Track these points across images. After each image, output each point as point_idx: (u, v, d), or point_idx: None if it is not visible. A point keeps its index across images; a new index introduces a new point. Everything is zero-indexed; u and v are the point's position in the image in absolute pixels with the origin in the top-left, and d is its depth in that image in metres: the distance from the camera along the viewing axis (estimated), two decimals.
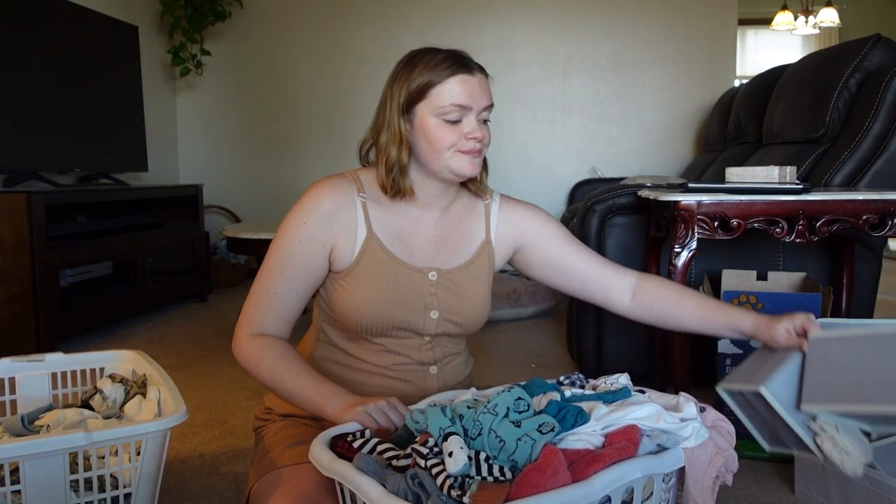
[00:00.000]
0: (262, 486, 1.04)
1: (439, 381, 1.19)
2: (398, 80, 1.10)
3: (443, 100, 1.06)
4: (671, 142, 4.28)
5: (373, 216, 1.14)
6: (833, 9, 5.97)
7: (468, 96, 1.07)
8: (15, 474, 1.07)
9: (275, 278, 1.11)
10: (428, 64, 1.07)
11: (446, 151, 1.08)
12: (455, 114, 1.07)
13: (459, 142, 1.08)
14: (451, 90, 1.06)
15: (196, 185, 3.79)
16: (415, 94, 1.08)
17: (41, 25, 3.01)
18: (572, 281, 1.25)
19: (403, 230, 1.16)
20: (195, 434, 1.86)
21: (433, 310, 1.15)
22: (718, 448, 0.93)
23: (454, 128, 1.08)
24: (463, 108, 1.07)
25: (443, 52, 1.10)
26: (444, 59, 1.08)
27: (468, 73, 1.07)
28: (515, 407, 0.85)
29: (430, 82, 1.07)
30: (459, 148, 1.08)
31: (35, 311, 2.55)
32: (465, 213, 1.22)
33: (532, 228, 1.24)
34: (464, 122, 1.08)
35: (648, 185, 2.27)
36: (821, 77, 2.29)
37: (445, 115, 1.07)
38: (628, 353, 2.09)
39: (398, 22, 4.31)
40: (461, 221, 1.21)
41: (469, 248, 1.20)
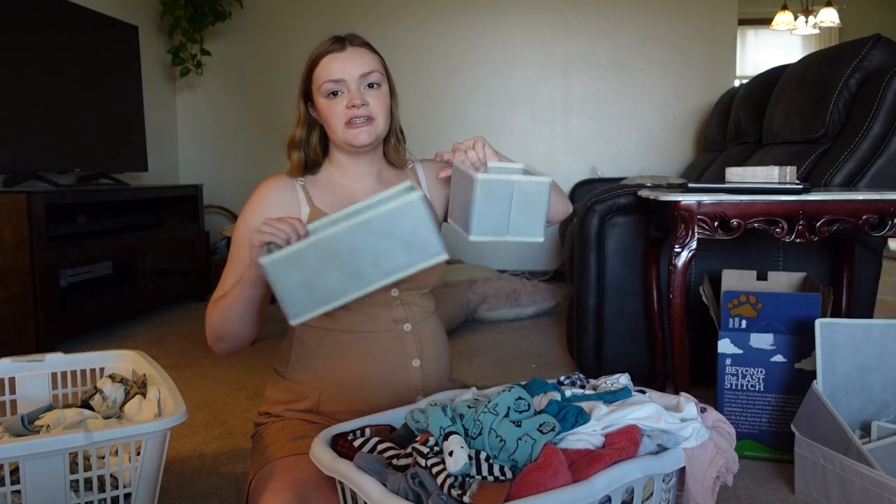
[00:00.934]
0: (260, 477, 1.07)
1: (415, 338, 1.23)
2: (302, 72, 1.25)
3: (320, 79, 1.20)
4: (671, 142, 4.28)
5: (313, 194, 1.27)
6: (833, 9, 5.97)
7: (339, 70, 1.19)
8: (15, 474, 1.07)
9: (233, 265, 1.23)
10: (312, 52, 1.23)
11: (338, 125, 1.20)
12: (333, 88, 1.19)
13: (345, 112, 1.19)
14: (325, 68, 1.20)
15: (196, 185, 3.79)
16: (306, 81, 1.24)
17: (41, 25, 3.01)
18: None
19: (342, 201, 1.26)
20: (195, 434, 1.86)
21: None
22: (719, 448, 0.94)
23: (338, 101, 1.20)
24: (337, 82, 1.19)
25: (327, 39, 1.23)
26: (323, 43, 1.22)
27: (339, 51, 1.20)
28: (516, 406, 0.85)
29: (311, 65, 1.22)
30: (346, 119, 1.20)
31: (35, 311, 2.55)
32: (396, 179, 1.32)
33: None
34: (346, 93, 1.20)
35: (648, 185, 2.27)
36: (821, 77, 2.29)
37: (326, 92, 1.20)
38: (628, 353, 2.09)
39: (398, 22, 4.31)
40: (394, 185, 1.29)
41: None
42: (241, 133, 4.50)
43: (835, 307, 1.92)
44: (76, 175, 3.41)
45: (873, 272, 2.03)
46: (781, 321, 1.63)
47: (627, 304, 2.06)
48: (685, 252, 1.63)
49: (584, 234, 2.07)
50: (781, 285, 1.85)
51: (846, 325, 1.49)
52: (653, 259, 1.99)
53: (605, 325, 2.08)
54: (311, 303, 1.00)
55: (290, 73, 4.37)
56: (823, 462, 1.38)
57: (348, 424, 0.99)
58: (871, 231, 1.61)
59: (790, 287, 1.85)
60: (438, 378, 1.26)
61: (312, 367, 1.23)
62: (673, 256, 1.64)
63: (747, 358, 1.65)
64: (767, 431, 1.65)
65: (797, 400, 1.59)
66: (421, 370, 1.22)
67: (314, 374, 1.23)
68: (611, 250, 2.06)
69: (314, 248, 0.98)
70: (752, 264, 1.99)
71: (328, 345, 1.22)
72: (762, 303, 1.63)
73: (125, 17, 3.78)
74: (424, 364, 1.23)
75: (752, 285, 1.86)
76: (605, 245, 2.06)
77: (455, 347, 2.27)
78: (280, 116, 4.42)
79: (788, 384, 1.63)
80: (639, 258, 2.04)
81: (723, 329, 1.67)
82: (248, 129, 4.49)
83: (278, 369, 1.30)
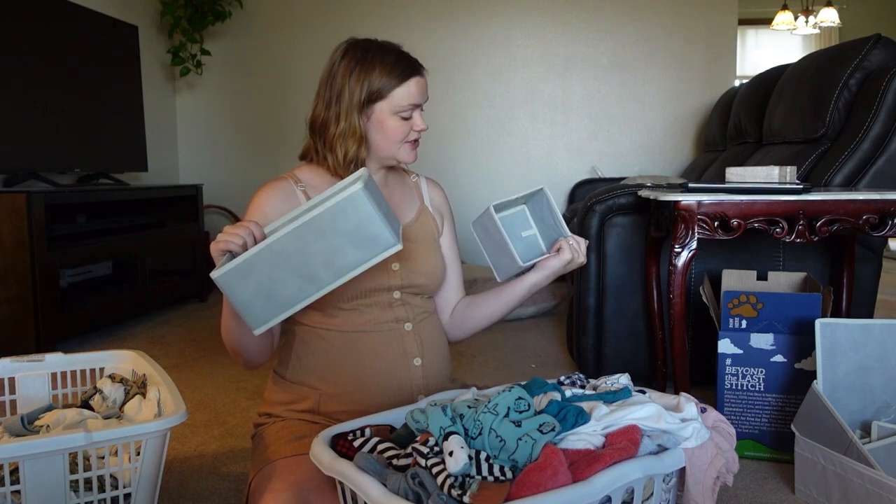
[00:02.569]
0: (261, 478, 1.06)
1: (416, 337, 1.24)
2: (354, 77, 1.20)
3: (402, 100, 1.20)
4: (671, 142, 4.28)
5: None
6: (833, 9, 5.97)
7: (420, 94, 1.23)
8: (15, 474, 1.07)
9: None
10: (385, 66, 1.20)
11: (397, 143, 1.23)
12: (410, 111, 1.22)
13: (410, 133, 1.23)
14: (410, 91, 1.21)
15: (196, 185, 3.79)
16: (376, 94, 1.20)
17: (41, 25, 3.01)
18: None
19: None
20: (195, 434, 1.86)
21: (393, 262, 1.24)
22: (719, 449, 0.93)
23: (406, 122, 1.22)
24: (416, 106, 1.23)
25: (392, 52, 1.22)
26: (398, 60, 1.21)
27: (420, 76, 1.23)
28: (516, 407, 0.85)
29: (392, 84, 1.20)
30: (408, 139, 1.24)
31: (35, 311, 2.55)
32: (398, 186, 1.36)
33: (446, 209, 1.42)
34: (414, 116, 1.23)
35: (648, 185, 2.26)
36: (821, 77, 2.29)
37: (402, 113, 1.21)
38: (628, 353, 2.09)
39: (398, 22, 4.31)
40: (398, 192, 1.34)
41: (410, 211, 1.34)
42: (241, 133, 4.50)
43: (835, 307, 1.92)
44: (76, 175, 3.41)
45: (873, 272, 2.03)
46: (781, 321, 1.63)
47: (627, 304, 2.06)
48: (685, 252, 1.63)
49: (585, 233, 2.07)
50: (781, 285, 1.85)
51: (846, 325, 1.49)
52: (653, 259, 1.99)
53: (605, 325, 2.08)
54: (270, 310, 0.98)
55: (290, 73, 4.39)
56: (823, 462, 1.38)
57: (348, 424, 0.99)
58: (871, 231, 1.61)
59: (790, 287, 1.85)
60: (439, 377, 1.26)
61: (312, 367, 1.23)
62: (673, 256, 1.64)
63: (747, 358, 1.65)
64: (767, 431, 1.65)
65: (797, 400, 1.60)
66: (422, 369, 1.22)
67: (314, 374, 1.22)
68: (611, 250, 2.06)
69: (263, 255, 0.94)
70: (752, 264, 1.99)
71: (328, 345, 1.22)
72: (762, 303, 1.63)
73: (125, 17, 3.78)
74: (426, 363, 1.23)
75: (752, 285, 1.86)
76: (605, 245, 2.06)
77: (455, 347, 2.27)
78: (280, 116, 4.43)
79: (788, 384, 1.63)
80: (639, 258, 2.04)
81: (723, 329, 1.67)
82: (248, 129, 4.49)
83: (278, 370, 1.30)
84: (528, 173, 4.31)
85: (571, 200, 4.13)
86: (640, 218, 2.03)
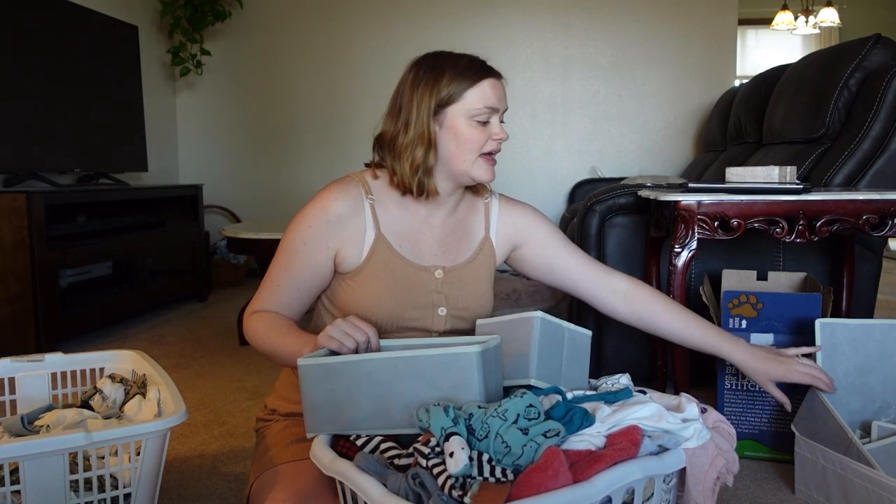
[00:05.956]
0: (262, 483, 1.05)
1: None
2: (423, 84, 1.13)
3: (477, 102, 1.11)
4: (671, 142, 4.28)
5: (381, 217, 1.17)
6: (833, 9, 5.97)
7: (497, 99, 1.13)
8: (15, 474, 1.07)
9: (280, 272, 1.16)
10: (456, 68, 1.12)
11: (473, 154, 1.13)
12: (486, 115, 1.12)
13: (487, 143, 1.14)
14: (484, 93, 1.12)
15: (196, 185, 3.79)
16: (446, 98, 1.11)
17: (41, 25, 3.01)
18: (566, 280, 1.31)
19: (412, 230, 1.19)
20: (195, 434, 1.86)
21: (441, 307, 1.18)
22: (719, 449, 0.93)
23: (483, 129, 1.13)
24: (493, 110, 1.13)
25: (463, 56, 1.15)
26: (471, 63, 1.14)
27: (496, 77, 1.14)
28: (526, 414, 0.84)
29: (463, 86, 1.11)
30: (485, 150, 1.14)
31: (35, 311, 2.55)
32: (467, 212, 1.26)
33: (529, 228, 1.29)
34: (491, 122, 1.14)
35: (648, 185, 2.26)
36: (821, 77, 2.29)
37: (477, 117, 1.12)
38: (628, 353, 2.09)
39: (398, 22, 4.31)
40: (465, 220, 1.25)
41: (471, 246, 1.24)
42: (241, 133, 4.50)
43: (835, 307, 1.92)
44: (76, 175, 3.41)
45: (873, 272, 2.03)
46: (781, 321, 1.63)
47: None
48: (685, 252, 1.63)
49: (585, 233, 2.06)
50: (781, 285, 1.85)
51: (846, 325, 1.49)
52: (653, 259, 1.99)
53: (605, 325, 2.07)
54: (331, 422, 0.93)
55: (290, 73, 4.39)
56: (824, 462, 1.38)
57: None
58: (871, 231, 1.61)
59: (790, 287, 1.85)
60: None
61: None
62: (673, 256, 1.64)
63: None
64: (767, 431, 1.65)
65: (797, 400, 1.59)
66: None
67: None
68: (611, 250, 2.05)
69: (352, 368, 0.91)
70: (752, 264, 1.98)
71: None
72: (762, 303, 1.63)
73: (125, 17, 3.78)
74: None
75: (752, 285, 1.85)
76: (605, 245, 2.06)
77: None
78: (280, 116, 4.43)
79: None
80: (639, 258, 2.04)
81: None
82: (248, 129, 4.49)
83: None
84: (529, 173, 4.31)
85: (571, 200, 4.13)
86: (640, 218, 2.03)
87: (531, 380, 0.99)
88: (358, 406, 0.91)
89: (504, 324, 1.08)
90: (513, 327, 1.05)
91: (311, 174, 4.41)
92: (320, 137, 4.43)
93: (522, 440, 0.80)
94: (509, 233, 1.28)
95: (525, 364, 1.00)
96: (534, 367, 1.00)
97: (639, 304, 1.29)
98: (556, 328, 1.05)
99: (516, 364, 1.01)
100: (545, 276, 1.31)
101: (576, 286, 1.30)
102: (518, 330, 1.04)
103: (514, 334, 1.04)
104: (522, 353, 1.01)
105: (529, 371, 1.00)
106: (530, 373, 0.99)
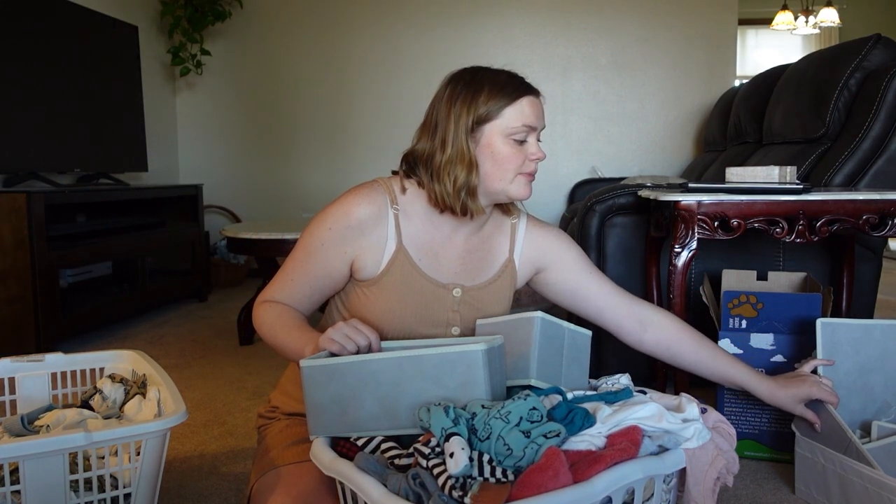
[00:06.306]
0: (263, 485, 1.05)
1: None
2: (460, 100, 1.09)
3: (515, 120, 1.08)
4: (671, 142, 4.28)
5: (404, 229, 1.14)
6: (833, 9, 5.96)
7: (536, 117, 1.10)
8: (15, 474, 1.07)
9: (295, 267, 1.15)
10: (495, 85, 1.09)
11: (511, 173, 1.10)
12: (523, 134, 1.09)
13: (525, 163, 1.10)
14: (522, 111, 1.09)
15: (196, 185, 3.79)
16: (484, 115, 1.08)
17: (41, 25, 3.01)
18: (589, 307, 1.27)
19: (434, 245, 1.16)
20: (195, 434, 1.86)
21: (455, 326, 1.17)
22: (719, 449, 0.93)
23: (520, 148, 1.10)
24: (530, 129, 1.09)
25: (501, 73, 1.12)
26: (510, 80, 1.11)
27: (535, 95, 1.11)
28: (529, 416, 0.83)
29: (502, 104, 1.08)
30: (522, 170, 1.10)
31: (35, 311, 2.55)
32: (494, 231, 1.23)
33: (554, 252, 1.26)
34: (529, 141, 1.10)
35: (648, 185, 2.26)
36: (821, 77, 2.28)
37: (515, 136, 1.08)
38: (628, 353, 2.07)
39: (399, 22, 4.31)
40: (489, 239, 1.22)
41: (493, 266, 1.22)
42: (241, 133, 4.50)
43: (835, 307, 1.92)
44: (76, 175, 3.41)
45: (873, 272, 2.03)
46: (782, 321, 1.63)
47: None
48: (685, 252, 1.63)
49: (585, 233, 2.06)
50: (781, 285, 1.85)
51: (847, 325, 1.49)
52: (653, 259, 1.99)
53: None
54: (336, 424, 0.92)
55: (291, 73, 4.39)
56: (824, 462, 1.38)
57: None
58: (871, 231, 1.61)
59: (790, 287, 1.85)
60: None
61: None
62: (673, 256, 1.63)
63: (747, 358, 1.65)
64: (767, 432, 1.65)
65: None
66: None
67: None
68: (611, 250, 2.05)
69: (357, 368, 0.90)
70: (752, 264, 1.98)
71: None
72: (762, 303, 1.63)
73: (125, 17, 3.78)
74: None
75: (752, 285, 1.85)
76: (605, 245, 2.06)
77: None
78: (280, 116, 4.43)
79: None
80: (639, 258, 2.03)
81: (723, 329, 1.67)
82: (248, 129, 4.49)
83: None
84: None
85: (571, 200, 4.13)
86: (640, 218, 2.03)
87: (531, 380, 0.99)
88: (363, 407, 0.90)
89: (504, 324, 1.08)
90: (513, 327, 1.05)
91: (311, 173, 4.41)
92: (320, 137, 4.43)
93: (524, 443, 0.80)
94: (534, 256, 1.25)
95: (525, 364, 1.00)
96: (534, 368, 1.00)
97: (664, 337, 1.27)
98: (556, 328, 1.05)
99: (516, 364, 1.02)
100: (568, 301, 1.28)
101: (600, 314, 1.27)
102: (518, 330, 1.04)
103: (514, 334, 1.04)
104: (523, 354, 1.01)
105: (530, 371, 1.00)
106: (531, 373, 1.00)
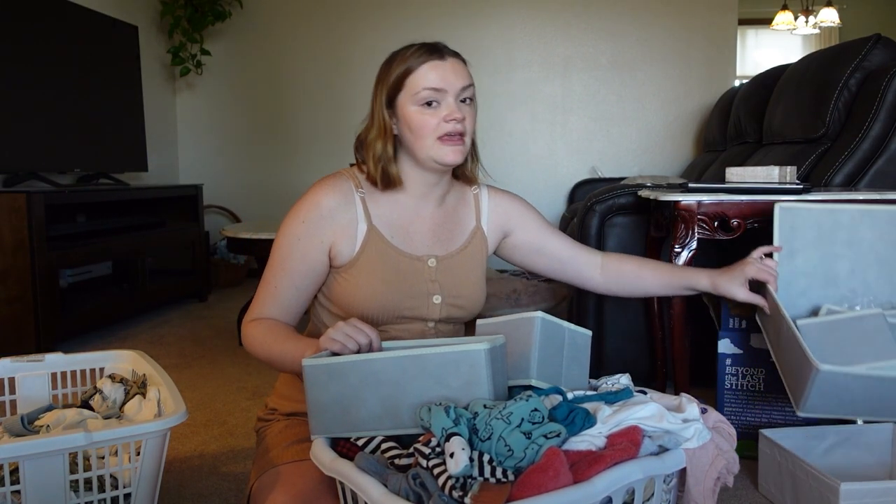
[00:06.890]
0: (262, 484, 1.05)
1: None
2: (380, 78, 1.17)
3: (417, 86, 1.11)
4: (671, 142, 4.28)
5: (372, 210, 1.18)
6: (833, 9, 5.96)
7: (440, 79, 1.12)
8: (15, 474, 1.07)
9: (275, 274, 1.16)
10: (403, 56, 1.14)
11: (429, 138, 1.12)
12: (428, 97, 1.11)
13: (440, 125, 1.12)
14: (424, 75, 1.11)
15: (196, 185, 3.79)
16: (394, 87, 1.13)
17: (41, 25, 3.01)
18: (553, 263, 1.35)
19: (402, 221, 1.20)
20: (195, 434, 1.86)
21: (435, 294, 1.19)
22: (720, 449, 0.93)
23: (433, 112, 1.12)
24: (437, 91, 1.11)
25: (413, 45, 1.16)
26: (417, 49, 1.14)
27: (439, 59, 1.13)
28: (530, 418, 0.83)
29: (405, 71, 1.12)
30: (440, 133, 1.12)
31: (35, 312, 2.55)
32: (458, 202, 1.28)
33: (518, 215, 1.32)
34: (442, 104, 1.12)
35: (648, 185, 2.26)
36: (821, 77, 2.28)
37: (422, 100, 1.11)
38: (628, 352, 2.09)
39: (399, 21, 4.31)
40: (455, 211, 1.27)
41: (462, 235, 1.26)
42: (241, 133, 4.50)
43: None
44: (76, 175, 3.41)
45: None
46: None
47: (627, 305, 2.06)
48: (685, 252, 1.63)
49: (585, 233, 2.07)
50: None
51: (810, 211, 1.41)
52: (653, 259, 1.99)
53: (605, 325, 2.07)
54: (338, 424, 0.92)
55: (291, 73, 4.39)
56: (780, 459, 1.40)
57: None
58: None
59: None
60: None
61: None
62: (673, 256, 1.64)
63: (747, 358, 1.65)
64: None
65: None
66: None
67: None
68: (611, 250, 2.05)
69: (359, 367, 0.90)
70: None
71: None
72: None
73: (125, 17, 3.78)
74: None
75: None
76: (605, 245, 2.06)
77: None
78: (280, 116, 4.43)
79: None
80: None
81: (723, 329, 1.67)
82: (248, 129, 4.49)
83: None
84: (529, 173, 4.31)
85: (571, 200, 4.13)
86: (640, 218, 2.03)
87: (532, 380, 0.99)
88: (366, 407, 0.91)
89: (504, 324, 1.08)
90: (513, 327, 1.05)
91: (311, 173, 4.41)
92: (320, 137, 4.42)
93: (525, 444, 0.80)
94: (500, 221, 1.31)
95: (525, 364, 1.01)
96: (534, 368, 1.00)
97: (613, 269, 1.35)
98: (556, 328, 1.05)
99: (517, 364, 1.02)
100: (534, 261, 1.35)
101: (563, 268, 1.35)
102: (518, 330, 1.04)
103: (514, 334, 1.04)
104: (523, 354, 1.01)
105: (530, 371, 1.00)
106: (531, 373, 1.00)
